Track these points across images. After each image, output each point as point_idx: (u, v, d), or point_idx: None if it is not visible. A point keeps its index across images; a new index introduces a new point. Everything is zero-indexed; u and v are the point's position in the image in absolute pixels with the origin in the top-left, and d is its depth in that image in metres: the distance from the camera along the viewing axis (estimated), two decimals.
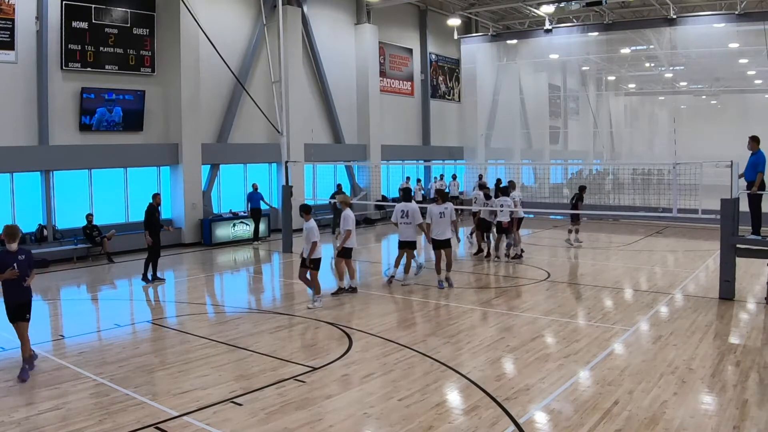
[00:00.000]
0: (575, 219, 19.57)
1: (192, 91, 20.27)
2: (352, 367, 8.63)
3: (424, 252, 17.14)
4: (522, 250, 17.37)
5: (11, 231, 8.39)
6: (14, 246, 8.38)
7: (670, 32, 27.22)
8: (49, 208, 17.68)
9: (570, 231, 19.81)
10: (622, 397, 7.33)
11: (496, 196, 17.22)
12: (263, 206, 21.90)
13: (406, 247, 13.89)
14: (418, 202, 27.58)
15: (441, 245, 13.66)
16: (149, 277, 14.65)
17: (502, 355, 9.07)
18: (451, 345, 9.55)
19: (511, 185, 17.82)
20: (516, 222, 17.14)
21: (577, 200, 18.98)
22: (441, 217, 13.60)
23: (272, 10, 21.79)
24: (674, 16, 25.74)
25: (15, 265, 8.22)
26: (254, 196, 21.43)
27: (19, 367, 8.31)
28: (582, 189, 19.15)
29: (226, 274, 16.99)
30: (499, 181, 19.93)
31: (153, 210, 14.66)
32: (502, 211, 16.17)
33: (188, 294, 13.94)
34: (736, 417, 6.81)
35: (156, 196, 15.00)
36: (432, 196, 27.92)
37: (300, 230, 13.46)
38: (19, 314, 8.43)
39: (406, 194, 14.50)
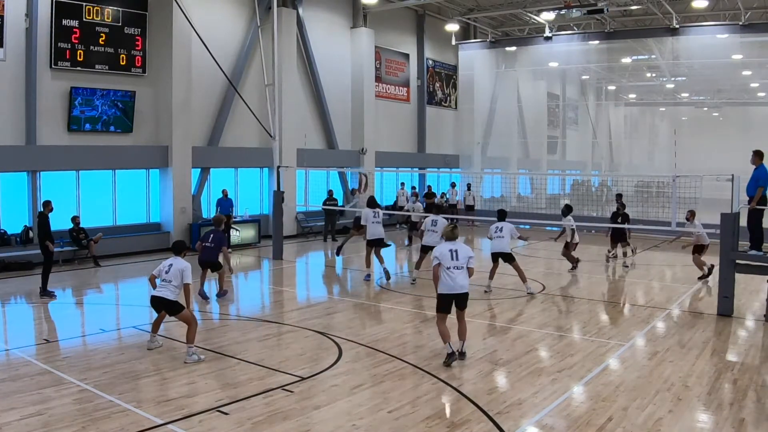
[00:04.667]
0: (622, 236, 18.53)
1: (183, 92, 20.06)
2: (341, 377, 8.53)
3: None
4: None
5: None
6: None
7: (672, 42, 27.21)
8: (35, 210, 17.35)
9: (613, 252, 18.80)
10: (616, 414, 7.23)
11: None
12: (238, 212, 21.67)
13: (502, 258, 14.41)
14: (401, 208, 27.68)
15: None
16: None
17: (495, 369, 8.96)
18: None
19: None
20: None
21: (623, 218, 18.18)
22: (433, 225, 14.79)
23: (267, 11, 21.62)
24: (677, 26, 25.73)
25: None
26: (224, 203, 20.85)
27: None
28: (618, 196, 19.03)
29: (214, 280, 16.72)
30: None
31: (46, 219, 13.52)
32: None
33: None
34: None
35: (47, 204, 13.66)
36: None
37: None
38: None
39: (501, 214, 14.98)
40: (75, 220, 17.69)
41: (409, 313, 12.40)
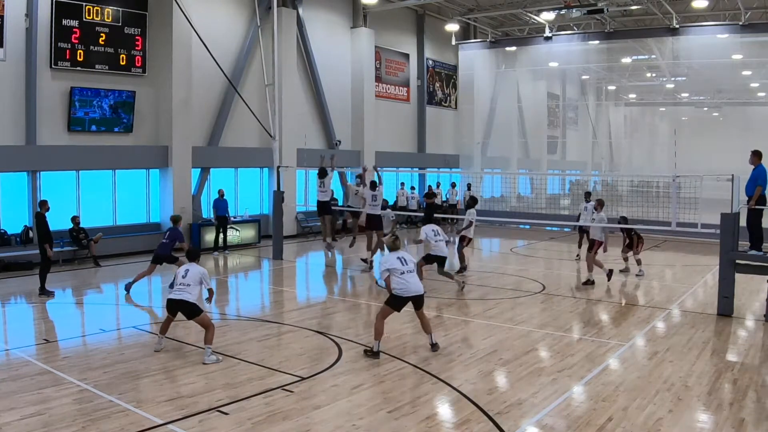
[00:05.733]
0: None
1: (183, 92, 20.05)
2: (341, 377, 8.52)
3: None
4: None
5: None
6: None
7: (672, 42, 27.17)
8: (35, 210, 17.34)
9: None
10: (616, 414, 7.23)
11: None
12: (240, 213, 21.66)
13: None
14: (409, 209, 27.80)
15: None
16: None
17: (495, 369, 8.95)
18: (443, 357, 9.40)
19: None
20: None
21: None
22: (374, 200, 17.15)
23: (267, 11, 21.60)
24: (677, 26, 25.70)
25: None
26: (220, 204, 20.68)
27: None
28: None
29: (213, 280, 16.74)
30: None
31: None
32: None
33: None
34: None
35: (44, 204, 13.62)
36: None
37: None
38: None
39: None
40: (75, 220, 17.67)
41: (409, 313, 12.27)
